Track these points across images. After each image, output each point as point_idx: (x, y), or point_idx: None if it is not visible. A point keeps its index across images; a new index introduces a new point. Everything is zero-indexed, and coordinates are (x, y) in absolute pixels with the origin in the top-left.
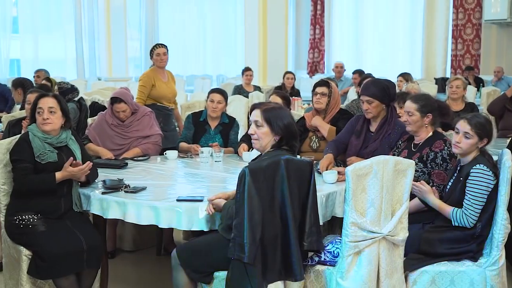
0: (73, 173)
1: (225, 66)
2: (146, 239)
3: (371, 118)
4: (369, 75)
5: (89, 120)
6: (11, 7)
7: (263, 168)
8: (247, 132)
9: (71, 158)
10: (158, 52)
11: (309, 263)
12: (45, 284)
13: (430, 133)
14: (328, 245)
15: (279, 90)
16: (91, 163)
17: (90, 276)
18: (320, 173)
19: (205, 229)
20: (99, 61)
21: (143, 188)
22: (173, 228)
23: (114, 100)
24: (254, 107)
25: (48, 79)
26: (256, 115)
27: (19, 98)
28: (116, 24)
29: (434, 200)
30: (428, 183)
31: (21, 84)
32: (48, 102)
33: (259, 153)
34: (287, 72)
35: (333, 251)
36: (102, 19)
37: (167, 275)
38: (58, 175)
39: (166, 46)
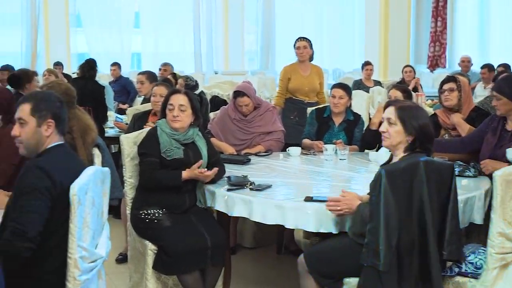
0: (198, 176)
1: (341, 60)
2: (267, 237)
3: (500, 115)
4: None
5: (211, 115)
6: (133, 2)
7: (400, 169)
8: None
9: (201, 161)
10: (298, 46)
11: (448, 274)
12: (169, 279)
13: None
14: (469, 255)
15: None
16: (217, 169)
17: (214, 273)
18: (458, 176)
19: (334, 232)
20: (216, 55)
21: (269, 186)
22: None
23: (237, 94)
24: (389, 104)
25: (174, 74)
26: (390, 112)
27: None
28: (234, 18)
29: None
30: None
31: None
32: (179, 100)
33: (388, 152)
34: (405, 66)
35: (476, 262)
36: (220, 13)
37: (287, 274)
38: (185, 174)
39: (308, 40)
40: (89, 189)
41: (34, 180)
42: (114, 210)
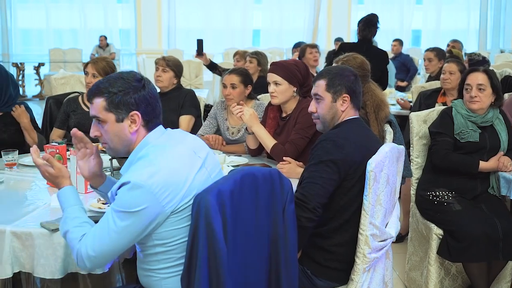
0: (501, 169)
1: None
2: None
3: None
4: None
5: (506, 96)
6: None
7: None
8: None
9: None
10: None
11: None
12: (453, 266)
13: None
14: None
15: None
16: None
17: (500, 267)
18: None
19: None
20: (503, 33)
21: None
22: None
23: None
24: None
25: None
26: None
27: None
28: None
29: None
30: None
31: (445, 55)
32: (478, 79)
33: None
34: None
35: None
36: None
37: None
38: (484, 165)
39: None
40: (384, 167)
41: (322, 152)
42: None
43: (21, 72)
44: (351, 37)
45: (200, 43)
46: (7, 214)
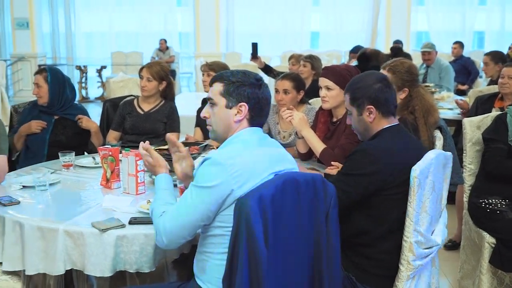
0: None
1: None
2: None
3: None
4: None
5: None
6: None
7: None
8: None
9: None
10: None
11: None
12: (506, 276)
13: None
14: None
15: None
16: None
17: None
18: None
19: None
20: None
21: None
22: None
23: None
24: None
25: None
26: None
27: None
28: None
29: None
30: None
31: (503, 59)
32: None
33: None
34: None
35: None
36: None
37: None
38: None
39: None
40: (430, 173)
41: (353, 165)
42: (449, 195)
43: (84, 74)
44: (411, 39)
45: (254, 46)
46: (62, 213)
